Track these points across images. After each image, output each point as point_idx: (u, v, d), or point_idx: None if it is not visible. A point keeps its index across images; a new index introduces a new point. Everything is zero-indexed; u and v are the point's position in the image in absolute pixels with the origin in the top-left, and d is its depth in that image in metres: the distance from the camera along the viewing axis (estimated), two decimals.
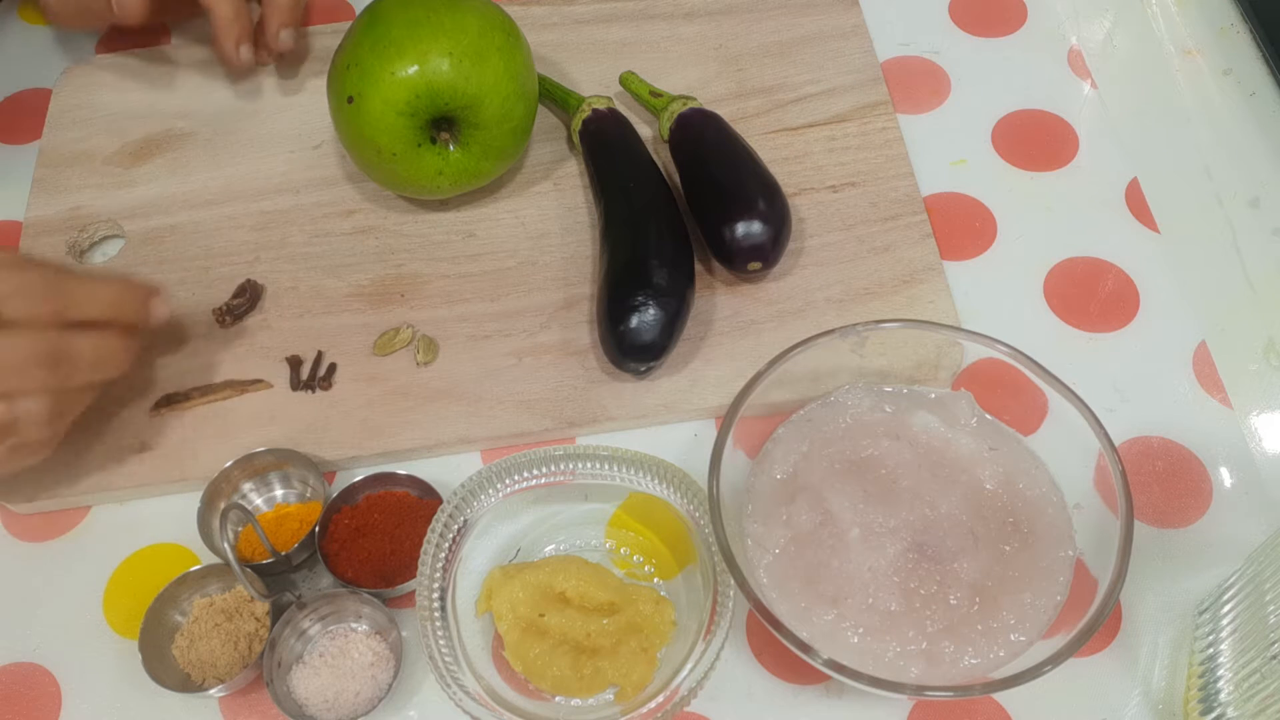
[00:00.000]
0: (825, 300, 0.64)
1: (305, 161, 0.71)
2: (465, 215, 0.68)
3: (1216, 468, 0.59)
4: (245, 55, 0.70)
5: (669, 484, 0.55)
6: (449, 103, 0.61)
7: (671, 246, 0.62)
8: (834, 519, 0.51)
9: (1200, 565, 0.56)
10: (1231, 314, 0.65)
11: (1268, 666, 0.46)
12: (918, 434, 0.54)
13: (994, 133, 0.72)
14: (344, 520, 0.57)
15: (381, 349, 0.62)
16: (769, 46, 0.75)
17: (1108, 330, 0.64)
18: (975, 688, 0.48)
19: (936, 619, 0.49)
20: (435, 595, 0.52)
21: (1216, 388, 0.62)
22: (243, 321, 0.64)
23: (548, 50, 0.74)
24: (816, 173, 0.69)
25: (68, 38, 0.79)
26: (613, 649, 0.52)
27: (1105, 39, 0.77)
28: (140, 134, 0.72)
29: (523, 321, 0.64)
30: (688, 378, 0.61)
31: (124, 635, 0.56)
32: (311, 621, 0.55)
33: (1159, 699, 0.53)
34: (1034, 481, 0.53)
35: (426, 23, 0.60)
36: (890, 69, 0.74)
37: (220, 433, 0.60)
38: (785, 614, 0.49)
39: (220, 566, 0.55)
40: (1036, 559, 0.51)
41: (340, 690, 0.53)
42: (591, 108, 0.68)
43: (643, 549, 0.56)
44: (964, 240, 0.67)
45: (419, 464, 0.60)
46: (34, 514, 0.60)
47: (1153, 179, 0.69)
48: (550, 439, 0.60)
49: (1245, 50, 0.76)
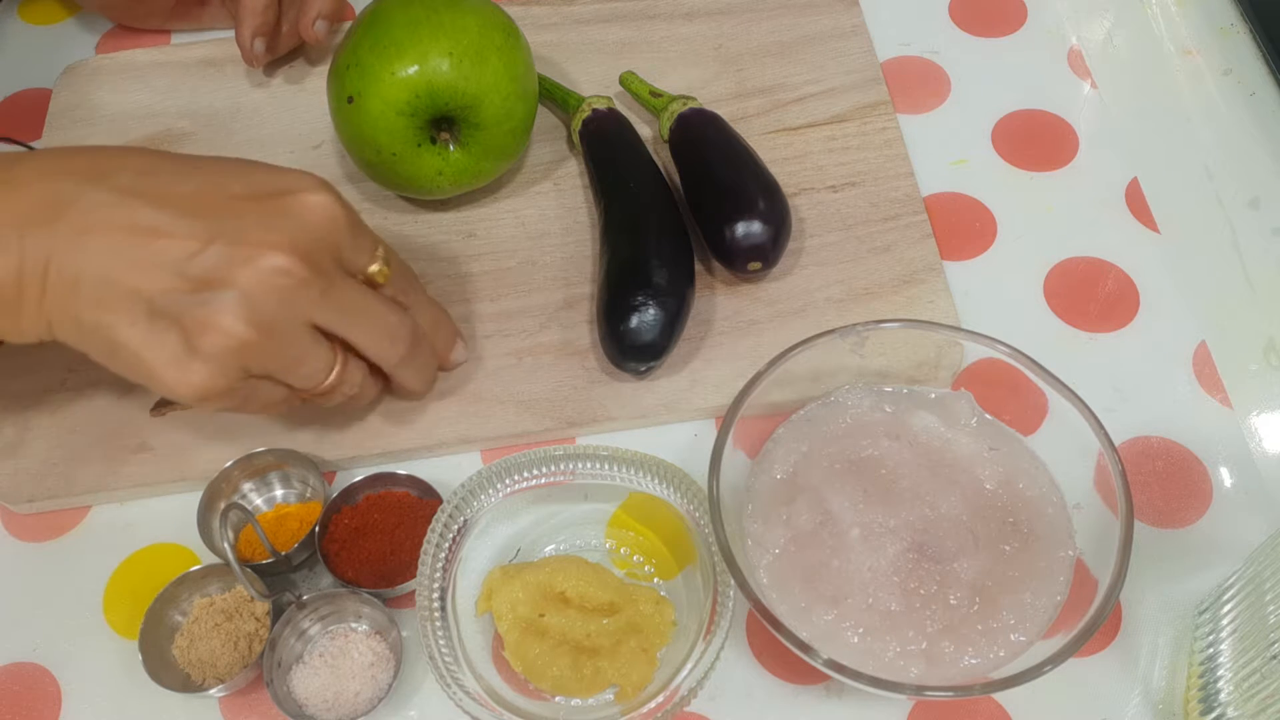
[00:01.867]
0: (825, 300, 0.64)
1: (305, 161, 0.71)
2: (465, 215, 0.68)
3: (1216, 468, 0.59)
4: (259, 48, 0.70)
5: (669, 484, 0.55)
6: (449, 103, 0.61)
7: (671, 246, 0.62)
8: (834, 519, 0.52)
9: (1200, 565, 0.56)
10: (1231, 314, 0.65)
11: (1268, 666, 0.46)
12: (918, 434, 0.54)
13: (994, 133, 0.72)
14: (344, 520, 0.57)
15: None
16: (769, 46, 0.75)
17: (1108, 330, 0.64)
18: (975, 688, 0.48)
19: (936, 619, 0.49)
20: (435, 595, 0.52)
21: (1216, 388, 0.62)
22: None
23: (548, 50, 0.74)
24: (816, 173, 0.69)
25: (68, 37, 0.79)
26: (613, 649, 0.52)
27: (1105, 39, 0.77)
28: (140, 134, 0.72)
29: (523, 321, 0.64)
30: (688, 378, 0.61)
31: (124, 635, 0.56)
32: (311, 621, 0.55)
33: (1159, 699, 0.53)
34: (1034, 481, 0.53)
35: (426, 23, 0.60)
36: (890, 69, 0.74)
37: (220, 433, 0.60)
38: (785, 614, 0.49)
39: (220, 566, 0.55)
40: (1036, 559, 0.51)
41: (340, 690, 0.53)
42: (591, 108, 0.68)
43: (643, 549, 0.56)
44: (964, 240, 0.67)
45: (419, 464, 0.60)
46: (34, 514, 0.60)
47: (1153, 179, 0.69)
48: (550, 439, 0.60)
49: (1245, 50, 0.76)
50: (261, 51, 0.71)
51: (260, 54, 0.71)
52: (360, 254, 0.52)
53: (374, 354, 0.54)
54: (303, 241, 0.49)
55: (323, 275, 0.50)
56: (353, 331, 0.52)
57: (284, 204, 0.50)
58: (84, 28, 0.79)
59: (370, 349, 0.53)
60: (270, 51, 0.72)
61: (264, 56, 0.71)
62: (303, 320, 0.50)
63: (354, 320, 0.52)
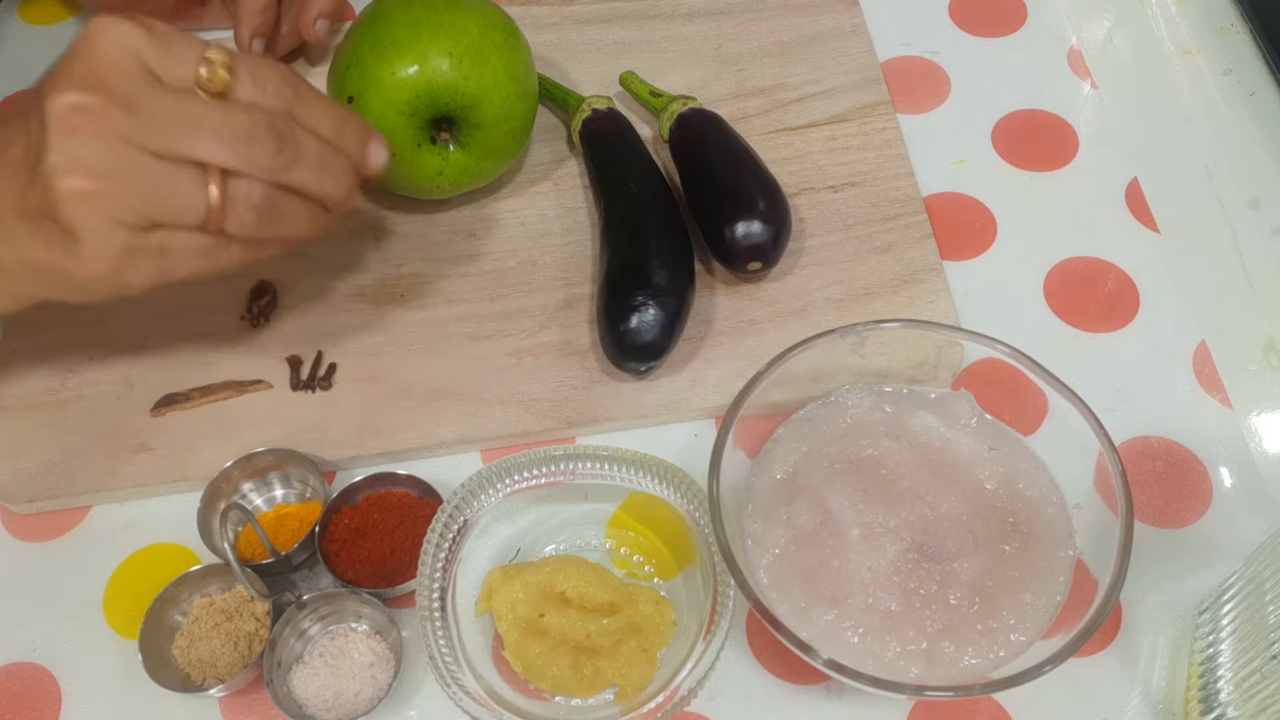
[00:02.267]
0: (825, 300, 0.64)
1: None
2: (465, 215, 0.68)
3: (1216, 468, 0.59)
4: (257, 49, 0.70)
5: (669, 484, 0.55)
6: (449, 103, 0.61)
7: (671, 246, 0.62)
8: (834, 519, 0.51)
9: (1200, 565, 0.56)
10: (1231, 314, 0.65)
11: (1268, 666, 0.46)
12: (918, 434, 0.54)
13: (994, 133, 0.72)
14: (344, 520, 0.57)
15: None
16: (769, 46, 0.75)
17: (1108, 330, 0.64)
18: (975, 688, 0.48)
19: (936, 619, 0.49)
20: (435, 595, 0.52)
21: (1216, 388, 0.62)
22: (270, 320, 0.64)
23: (548, 50, 0.74)
24: (816, 173, 0.69)
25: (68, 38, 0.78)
26: (613, 649, 0.52)
27: (1105, 39, 0.77)
28: None
29: (523, 321, 0.64)
30: (688, 378, 0.61)
31: (124, 635, 0.56)
32: (311, 621, 0.55)
33: (1159, 699, 0.53)
34: (1034, 481, 0.53)
35: (426, 23, 0.60)
36: (890, 69, 0.74)
37: (220, 433, 0.60)
38: (785, 614, 0.49)
39: (220, 566, 0.55)
40: (1036, 559, 0.51)
41: (340, 690, 0.53)
42: (591, 108, 0.68)
43: (643, 549, 0.56)
44: (964, 240, 0.67)
45: (419, 464, 0.60)
46: (34, 514, 0.60)
47: (1153, 179, 0.69)
48: (550, 439, 0.60)
49: (1245, 50, 0.76)
50: (260, 52, 0.71)
51: (259, 54, 0.71)
52: (179, 64, 0.48)
53: (238, 162, 0.48)
54: (93, 73, 0.46)
55: (127, 98, 0.46)
56: (197, 145, 0.48)
57: (71, 49, 0.48)
58: None
59: (229, 158, 0.48)
60: (270, 51, 0.72)
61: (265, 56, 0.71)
62: (130, 147, 0.46)
63: (189, 132, 0.47)
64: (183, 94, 0.48)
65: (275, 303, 0.64)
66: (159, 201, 0.47)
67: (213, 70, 0.48)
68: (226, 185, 0.49)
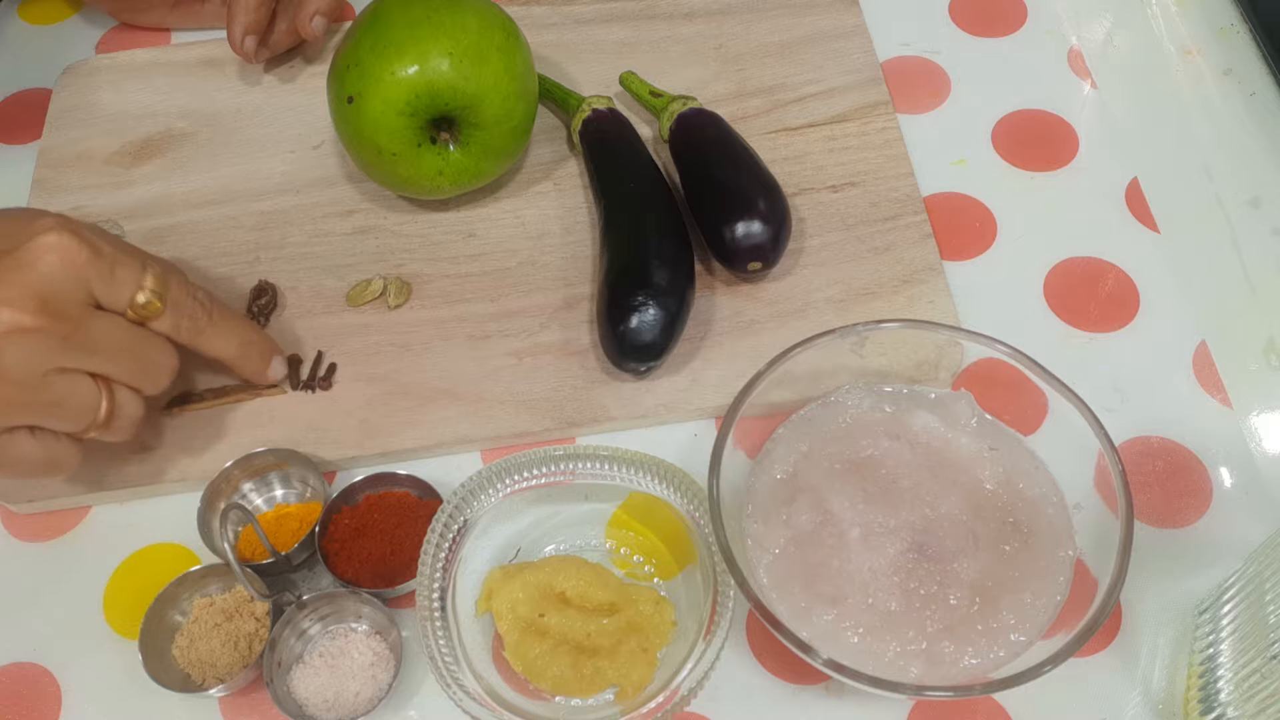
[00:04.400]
0: (825, 300, 0.64)
1: (305, 161, 0.71)
2: (465, 215, 0.68)
3: (1216, 468, 0.59)
4: (249, 45, 0.70)
5: (669, 484, 0.55)
6: (449, 103, 0.61)
7: (671, 246, 0.62)
8: (834, 519, 0.51)
9: (1200, 565, 0.56)
10: (1231, 314, 0.65)
11: (1268, 666, 0.46)
12: (918, 434, 0.54)
13: (994, 133, 0.72)
14: (344, 520, 0.57)
15: (354, 300, 0.64)
16: (769, 46, 0.75)
17: (1108, 330, 0.64)
18: (975, 688, 0.48)
19: (936, 619, 0.49)
20: (435, 595, 0.52)
21: (1216, 388, 0.62)
22: (270, 320, 0.64)
23: (548, 50, 0.74)
24: (816, 173, 0.69)
25: (68, 37, 0.79)
26: (613, 649, 0.52)
27: (1105, 39, 0.77)
28: (140, 134, 0.72)
29: (523, 321, 0.64)
30: (688, 378, 0.61)
31: (124, 635, 0.56)
32: (311, 621, 0.55)
33: (1159, 699, 0.53)
34: (1034, 481, 0.53)
35: (426, 23, 0.60)
36: (890, 69, 0.74)
37: (220, 433, 0.60)
38: (785, 614, 0.49)
39: (220, 566, 0.55)
40: (1036, 559, 0.51)
41: (340, 690, 0.53)
42: (591, 108, 0.68)
43: (643, 549, 0.56)
44: (964, 240, 0.67)
45: (419, 464, 0.60)
46: (34, 514, 0.60)
47: (1153, 179, 0.69)
48: (550, 439, 0.60)
49: (1245, 50, 0.76)
50: (253, 48, 0.71)
51: (252, 51, 0.71)
52: (120, 287, 0.51)
53: (139, 389, 0.53)
54: (37, 291, 0.49)
55: (65, 320, 0.49)
56: (109, 369, 0.52)
57: (16, 257, 0.49)
58: (84, 27, 0.79)
59: (135, 385, 0.53)
60: (267, 49, 0.72)
61: (260, 54, 0.71)
62: (46, 369, 0.49)
63: (108, 358, 0.51)
64: (113, 320, 0.52)
65: (275, 303, 0.64)
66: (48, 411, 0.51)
67: (151, 300, 0.52)
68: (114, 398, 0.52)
